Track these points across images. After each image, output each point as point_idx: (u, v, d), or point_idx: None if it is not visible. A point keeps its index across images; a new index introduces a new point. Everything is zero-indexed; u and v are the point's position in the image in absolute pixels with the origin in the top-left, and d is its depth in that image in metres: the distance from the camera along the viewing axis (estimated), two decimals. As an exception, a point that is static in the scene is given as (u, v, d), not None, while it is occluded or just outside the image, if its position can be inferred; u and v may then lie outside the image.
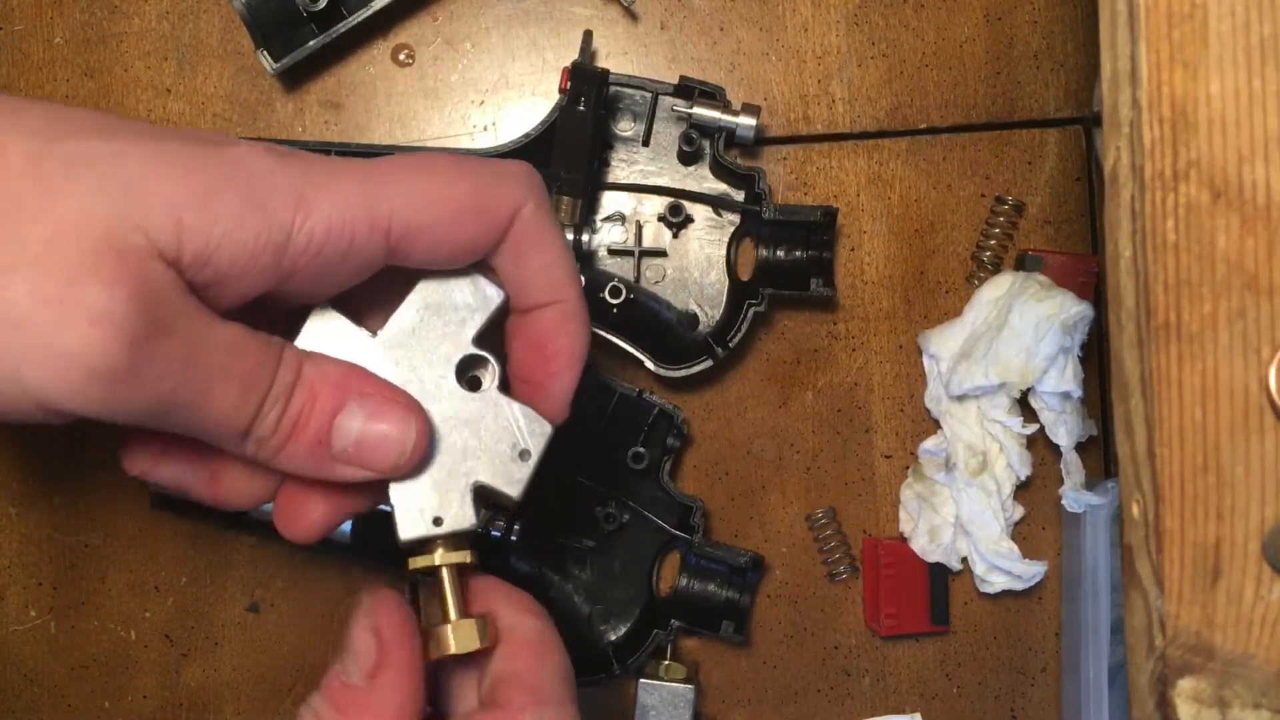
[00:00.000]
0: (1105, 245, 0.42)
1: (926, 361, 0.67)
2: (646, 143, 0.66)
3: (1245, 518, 0.41)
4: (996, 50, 0.69)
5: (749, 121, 0.64)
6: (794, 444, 0.69)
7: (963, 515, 0.65)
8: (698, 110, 0.64)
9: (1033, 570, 0.66)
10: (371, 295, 0.43)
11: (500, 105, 0.69)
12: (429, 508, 0.43)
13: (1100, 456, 0.69)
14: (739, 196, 0.66)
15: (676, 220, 0.66)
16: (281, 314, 0.42)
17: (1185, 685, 0.42)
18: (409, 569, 0.45)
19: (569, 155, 0.62)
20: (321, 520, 0.44)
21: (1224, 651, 0.41)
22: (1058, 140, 0.69)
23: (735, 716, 0.69)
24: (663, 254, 0.67)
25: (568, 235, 0.63)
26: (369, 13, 0.64)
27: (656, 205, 0.67)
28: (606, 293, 0.64)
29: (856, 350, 0.69)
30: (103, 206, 0.35)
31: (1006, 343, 0.63)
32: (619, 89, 0.65)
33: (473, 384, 0.45)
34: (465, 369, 0.44)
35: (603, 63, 0.68)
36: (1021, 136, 0.69)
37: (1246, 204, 0.40)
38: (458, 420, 0.44)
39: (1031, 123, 0.69)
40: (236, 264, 0.37)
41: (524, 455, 0.44)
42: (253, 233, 0.37)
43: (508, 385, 0.45)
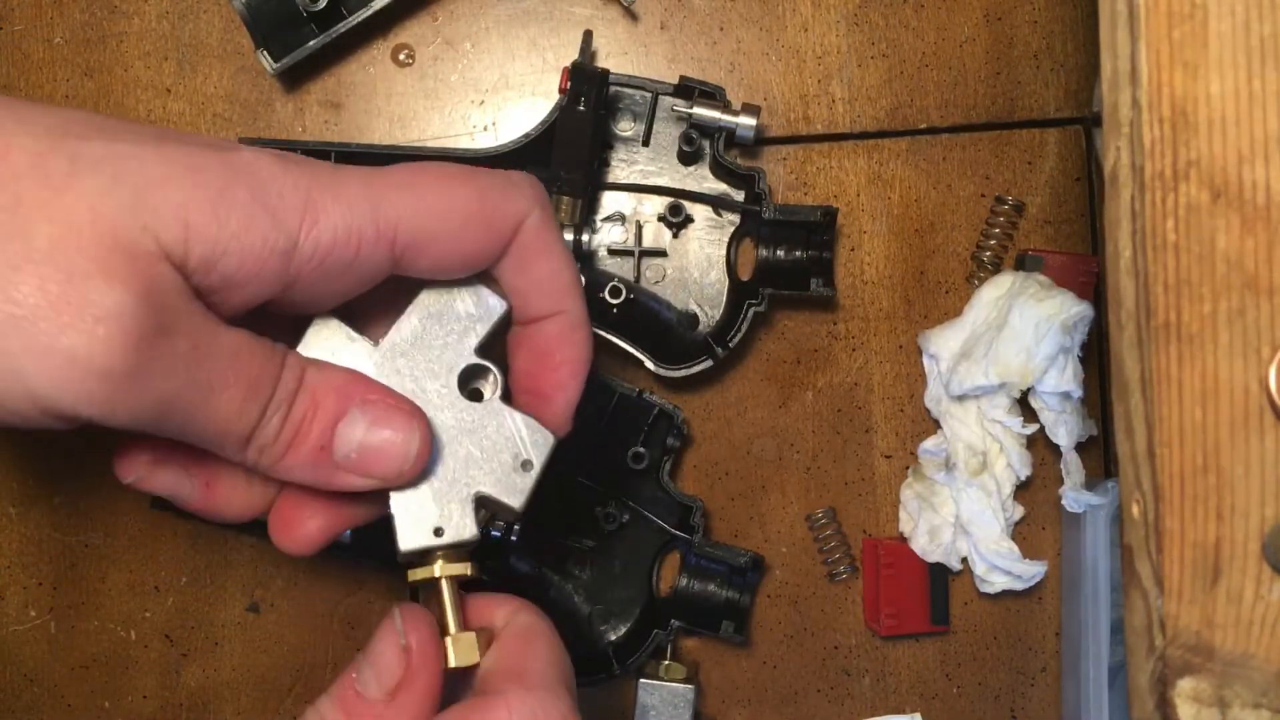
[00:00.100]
0: (1105, 245, 0.42)
1: (926, 361, 0.67)
2: (646, 143, 0.66)
3: (1245, 518, 0.41)
4: (996, 50, 0.69)
5: (749, 121, 0.64)
6: (794, 444, 0.69)
7: (963, 515, 0.65)
8: (698, 110, 0.64)
9: (1033, 570, 0.66)
10: (374, 304, 0.43)
11: (500, 105, 0.69)
12: (430, 518, 0.43)
13: (1100, 456, 0.69)
14: (739, 196, 0.66)
15: (676, 220, 0.66)
16: (284, 322, 0.42)
17: (1185, 685, 0.42)
18: (409, 580, 0.45)
19: (569, 155, 0.62)
20: (318, 532, 0.44)
21: (1224, 651, 0.41)
22: (1058, 140, 0.69)
23: (735, 716, 0.69)
24: (663, 254, 0.67)
25: (568, 235, 0.63)
26: (369, 13, 0.64)
27: (656, 205, 0.67)
28: (606, 293, 0.64)
29: (856, 350, 0.69)
30: (110, 207, 0.35)
31: (1006, 343, 0.63)
32: (619, 89, 0.65)
33: (475, 394, 0.44)
34: (467, 379, 0.44)
35: (603, 63, 0.68)
36: (1021, 136, 0.69)
37: (1246, 204, 0.40)
38: (459, 430, 0.43)
39: (1031, 123, 0.69)
40: (243, 269, 0.37)
41: (526, 466, 0.44)
42: (260, 237, 0.37)
43: (510, 396, 0.45)
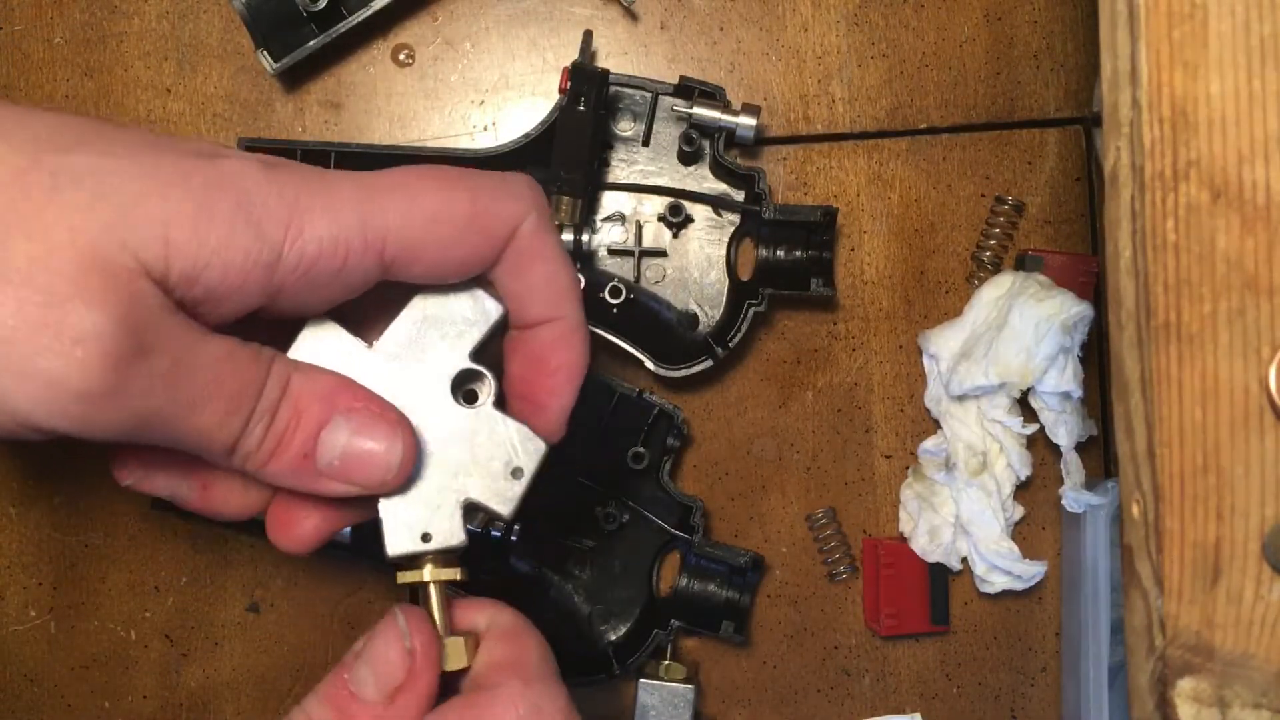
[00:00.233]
0: (1105, 245, 0.42)
1: (926, 361, 0.67)
2: (646, 143, 0.66)
3: (1245, 518, 0.41)
4: (996, 50, 0.69)
5: (749, 121, 0.64)
6: (794, 444, 0.69)
7: (963, 515, 0.65)
8: (698, 110, 0.64)
9: (1033, 570, 0.66)
10: (371, 305, 0.43)
11: (500, 105, 0.69)
12: (418, 523, 0.43)
13: (1100, 456, 0.69)
14: (739, 196, 0.66)
15: (676, 220, 0.66)
16: (278, 323, 0.42)
17: (1185, 685, 0.42)
18: (398, 582, 0.45)
19: (569, 155, 0.62)
20: (314, 531, 0.44)
21: (1224, 651, 0.41)
22: (1058, 140, 0.69)
23: (735, 716, 0.69)
24: (663, 254, 0.67)
25: (568, 235, 0.63)
26: (369, 13, 0.64)
27: (656, 205, 0.67)
28: (606, 293, 0.64)
29: (856, 350, 0.69)
30: (90, 224, 0.34)
31: (1006, 343, 0.63)
32: (619, 89, 0.65)
33: (468, 398, 0.44)
34: (461, 383, 0.44)
35: (603, 63, 0.68)
36: (1021, 136, 0.69)
37: (1246, 204, 0.39)
38: (451, 435, 0.43)
39: (1031, 123, 0.69)
40: (226, 282, 0.37)
41: (517, 473, 0.44)
42: (242, 252, 0.37)
43: (504, 401, 0.45)
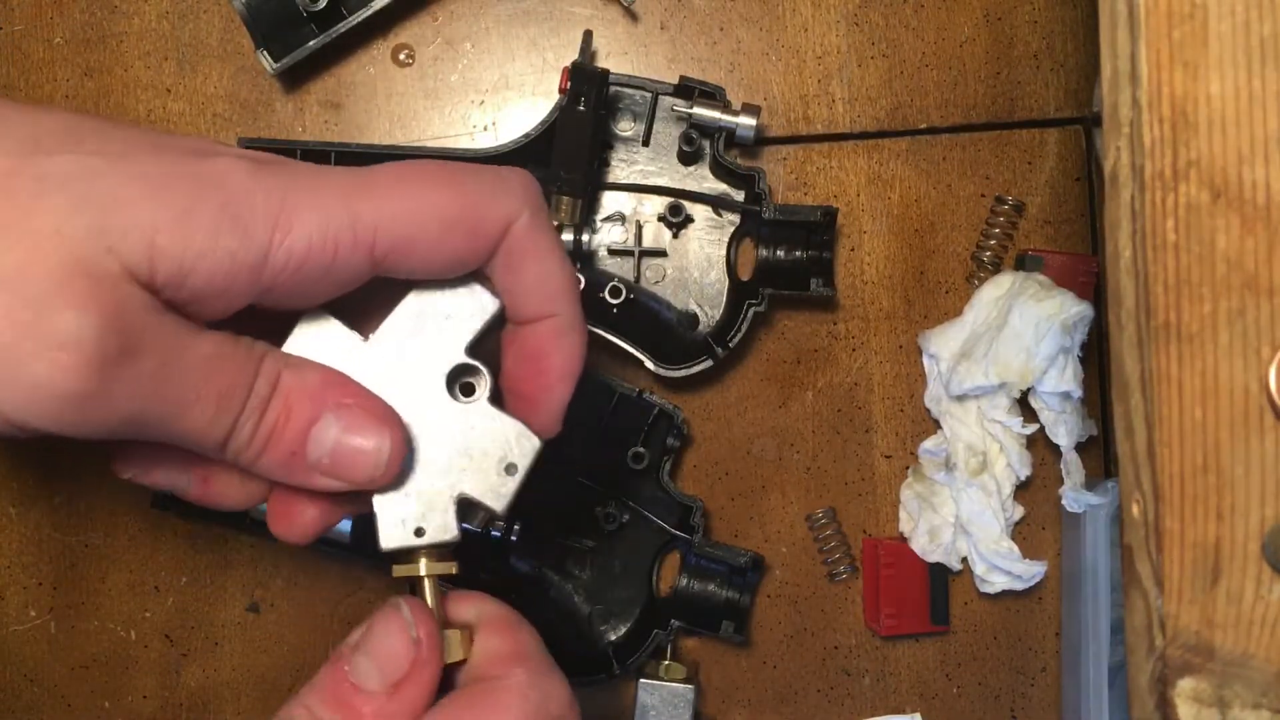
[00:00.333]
0: (1105, 245, 0.42)
1: (926, 361, 0.67)
2: (646, 143, 0.66)
3: (1245, 518, 0.41)
4: (996, 50, 0.69)
5: (749, 121, 0.64)
6: (794, 444, 0.69)
7: (963, 515, 0.65)
8: (698, 110, 0.64)
9: (1033, 570, 0.66)
10: (367, 298, 0.43)
11: (500, 105, 0.69)
12: (411, 518, 0.43)
13: (1100, 456, 0.69)
14: (739, 196, 0.66)
15: (676, 220, 0.66)
16: (276, 315, 0.42)
17: (1185, 685, 0.42)
18: (394, 575, 0.45)
19: (569, 155, 0.62)
20: (313, 523, 0.44)
21: (1224, 651, 0.41)
22: (1058, 140, 0.69)
23: (735, 716, 0.69)
24: (663, 254, 0.67)
25: (568, 236, 0.63)
26: (369, 13, 0.64)
27: (656, 205, 0.67)
28: (606, 293, 0.64)
29: (856, 350, 0.69)
30: (75, 228, 0.34)
31: (1006, 343, 0.63)
32: (619, 89, 0.65)
33: (464, 393, 0.44)
34: (456, 378, 0.44)
35: (603, 63, 0.68)
36: (1021, 136, 0.69)
37: (1246, 204, 0.39)
38: (445, 430, 0.43)
39: (1031, 123, 0.69)
40: (212, 284, 0.37)
41: (510, 469, 0.44)
42: (228, 253, 0.37)
43: (500, 397, 0.45)
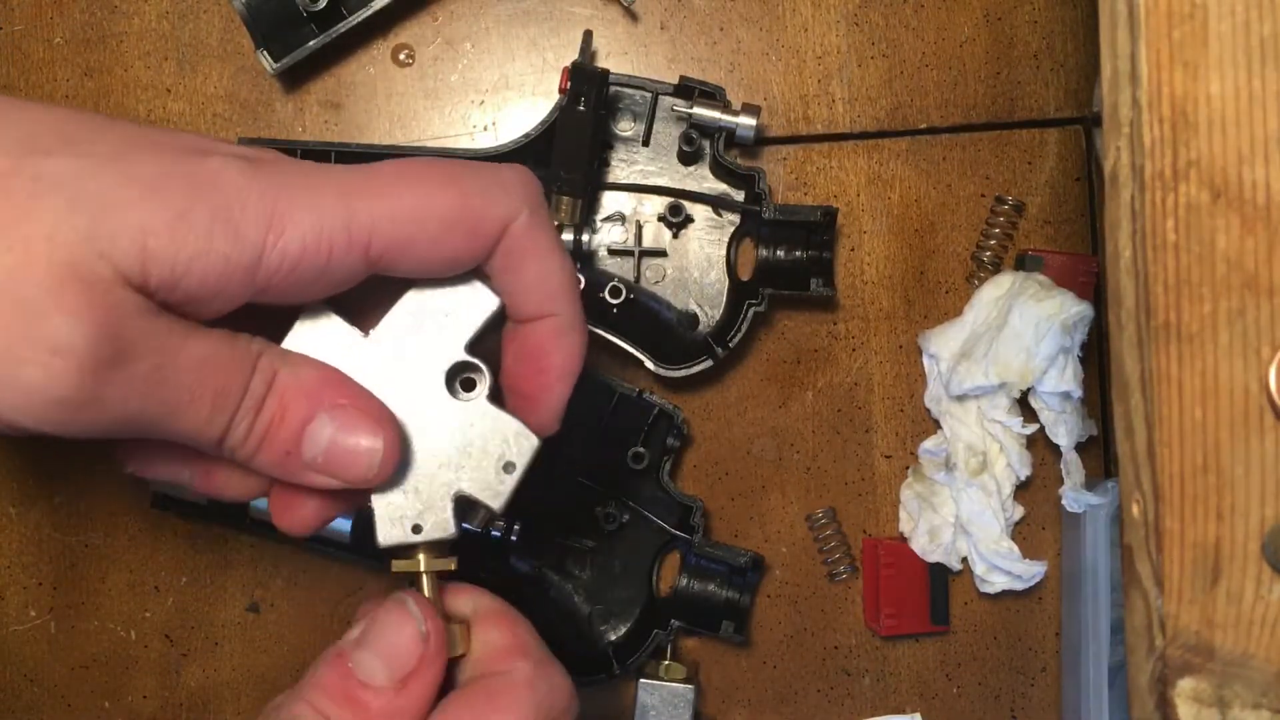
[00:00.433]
0: (1105, 245, 0.42)
1: (926, 361, 0.67)
2: (646, 143, 0.66)
3: (1245, 518, 0.41)
4: (996, 50, 0.69)
5: (749, 121, 0.64)
6: (794, 444, 0.69)
7: (963, 515, 0.65)
8: (698, 110, 0.64)
9: (1033, 570, 0.66)
10: (369, 292, 0.43)
11: (500, 105, 0.69)
12: (409, 515, 0.43)
13: (1100, 456, 0.69)
14: (739, 196, 0.66)
15: (676, 220, 0.66)
16: (276, 310, 0.42)
17: (1185, 685, 0.42)
18: (393, 570, 0.45)
19: (569, 155, 0.62)
20: (313, 515, 0.44)
21: (1224, 651, 0.41)
22: (1058, 140, 0.69)
23: (735, 716, 0.69)
24: (663, 254, 0.66)
25: (567, 236, 0.63)
26: (369, 13, 0.64)
27: (656, 205, 0.67)
28: (606, 293, 0.64)
29: (856, 350, 0.69)
30: (68, 233, 0.35)
31: (1006, 343, 0.63)
32: (619, 89, 0.65)
33: (464, 390, 0.44)
34: (456, 375, 0.44)
35: (603, 63, 0.68)
36: (1021, 136, 0.69)
37: (1246, 204, 0.39)
38: (444, 427, 0.43)
39: (1031, 123, 0.69)
40: (206, 286, 0.37)
41: (508, 468, 0.44)
42: (221, 256, 0.37)
43: (499, 394, 0.45)
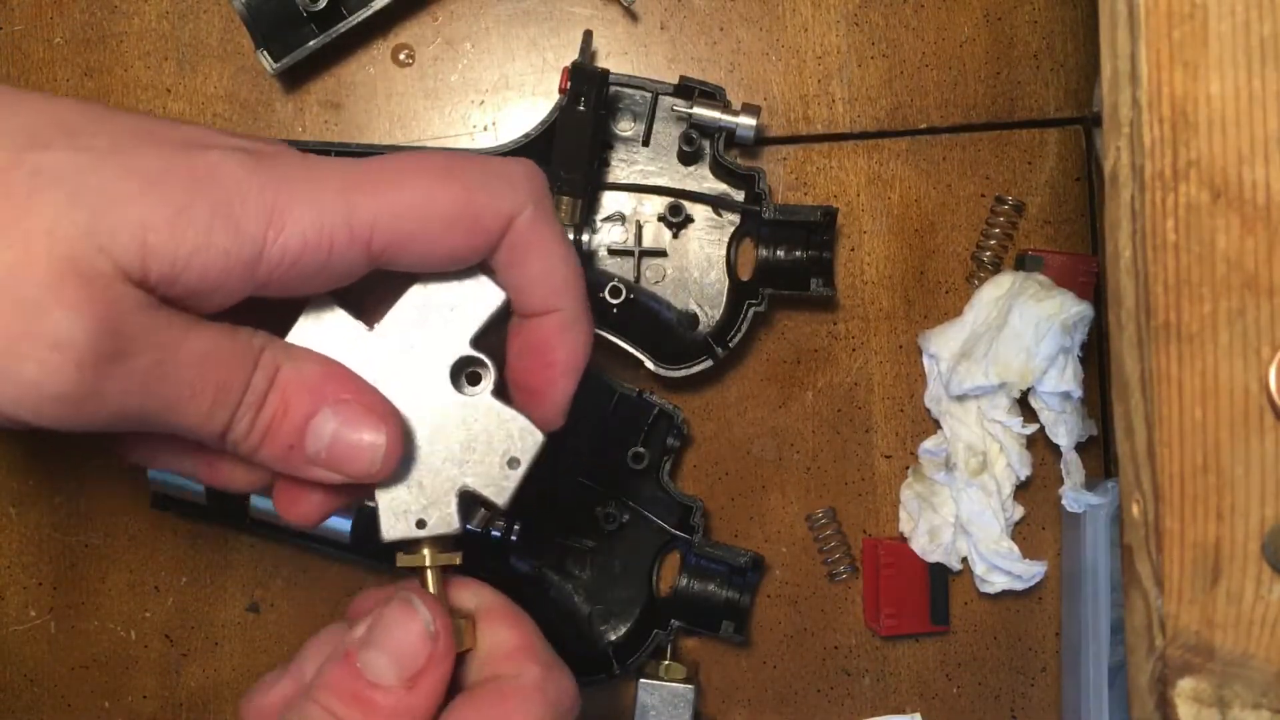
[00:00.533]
0: (1105, 245, 0.42)
1: (926, 361, 0.67)
2: (646, 143, 0.66)
3: (1245, 518, 0.41)
4: (996, 50, 0.69)
5: (749, 121, 0.64)
6: (794, 444, 0.69)
7: (963, 515, 0.65)
8: (698, 110, 0.64)
9: (1033, 570, 0.66)
10: (374, 285, 0.43)
11: (500, 105, 0.69)
12: (413, 510, 0.43)
13: (1100, 456, 0.69)
14: (739, 196, 0.66)
15: (676, 220, 0.66)
16: (281, 303, 0.42)
17: (1185, 685, 0.42)
18: (398, 565, 0.45)
19: (569, 155, 0.62)
20: (317, 508, 0.44)
21: (1224, 651, 0.41)
22: (1058, 140, 0.69)
23: (735, 716, 0.69)
24: (663, 254, 0.67)
25: (567, 235, 0.63)
26: (369, 13, 0.64)
27: (656, 205, 0.67)
28: (606, 293, 0.64)
29: (856, 350, 0.69)
30: (67, 228, 0.34)
31: (1006, 343, 0.63)
32: (619, 89, 0.65)
33: (469, 384, 0.44)
34: (461, 370, 0.44)
35: (603, 63, 0.68)
36: (1021, 136, 0.69)
37: (1246, 204, 0.39)
38: (448, 422, 0.43)
39: (1031, 123, 0.69)
40: (206, 281, 0.37)
41: (513, 463, 0.43)
42: (221, 251, 0.37)
43: (504, 390, 0.45)
